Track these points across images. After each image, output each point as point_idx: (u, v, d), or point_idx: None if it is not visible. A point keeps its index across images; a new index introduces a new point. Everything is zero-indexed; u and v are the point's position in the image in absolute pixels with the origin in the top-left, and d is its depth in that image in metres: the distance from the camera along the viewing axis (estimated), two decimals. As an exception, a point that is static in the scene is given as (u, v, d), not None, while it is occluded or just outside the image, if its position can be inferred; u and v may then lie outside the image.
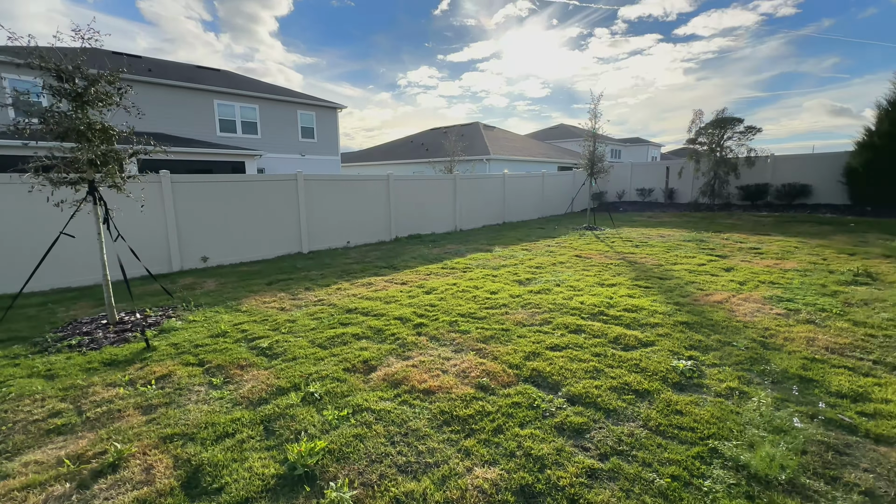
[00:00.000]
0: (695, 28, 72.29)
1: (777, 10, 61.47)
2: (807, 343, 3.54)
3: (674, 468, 2.08)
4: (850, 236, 9.46)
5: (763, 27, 65.57)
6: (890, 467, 2.06)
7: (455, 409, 2.67)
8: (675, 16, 69.96)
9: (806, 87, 72.52)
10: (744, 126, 14.47)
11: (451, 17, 74.61)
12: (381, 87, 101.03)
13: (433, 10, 72.51)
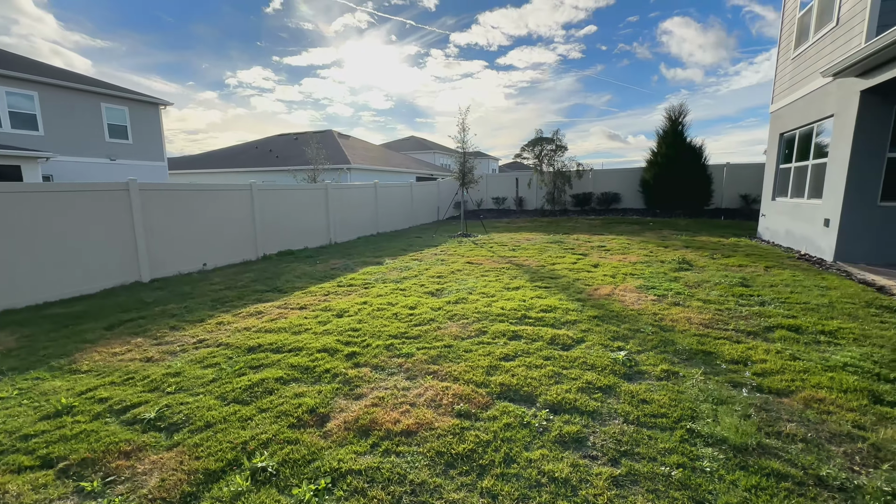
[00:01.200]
0: (512, 60, 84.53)
1: (569, 53, 76.89)
2: (687, 322, 4.34)
3: (675, 457, 2.23)
4: (655, 233, 12.18)
5: (561, 66, 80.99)
6: (802, 415, 2.62)
7: (450, 446, 2.37)
8: (497, 47, 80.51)
9: (592, 117, 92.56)
10: (555, 145, 17.59)
11: (286, 17, 70.18)
12: (205, 84, 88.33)
13: (264, 8, 67.00)
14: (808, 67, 8.73)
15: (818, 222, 7.88)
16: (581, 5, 69.78)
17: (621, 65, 73.37)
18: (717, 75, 76.93)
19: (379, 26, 78.25)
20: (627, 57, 71.91)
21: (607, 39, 73.50)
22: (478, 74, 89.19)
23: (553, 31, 76.51)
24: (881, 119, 6.72)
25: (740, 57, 74.17)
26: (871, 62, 6.28)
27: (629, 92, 79.99)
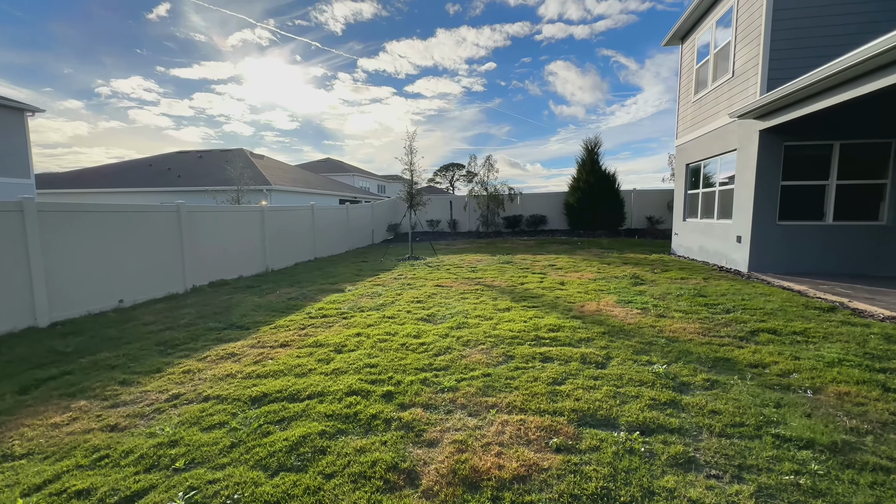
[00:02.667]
0: (420, 88, 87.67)
1: (472, 86, 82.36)
2: (685, 332, 4.66)
3: (787, 465, 2.29)
4: (587, 251, 13.20)
5: (465, 97, 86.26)
6: (844, 408, 2.89)
7: (579, 487, 2.15)
8: (405, 75, 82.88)
9: (494, 145, 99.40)
10: (466, 170, 18.61)
11: (173, 26, 64.10)
12: (68, 92, 75.56)
13: (146, 14, 60.48)
14: (710, 109, 10.38)
15: (731, 239, 9.24)
16: (482, 44, 75.59)
17: (516, 99, 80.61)
18: (597, 114, 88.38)
19: (282, 45, 75.29)
20: (522, 93, 79.37)
21: (505, 76, 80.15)
22: (387, 100, 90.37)
23: (457, 64, 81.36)
24: (776, 153, 8.19)
25: (613, 99, 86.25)
26: (767, 109, 7.66)
27: (525, 124, 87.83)
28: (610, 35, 70.68)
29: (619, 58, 74.55)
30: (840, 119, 7.70)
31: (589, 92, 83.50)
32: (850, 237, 8.13)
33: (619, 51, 74.07)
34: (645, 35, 73.18)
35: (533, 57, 75.15)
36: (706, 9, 10.48)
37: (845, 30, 7.75)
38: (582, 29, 69.39)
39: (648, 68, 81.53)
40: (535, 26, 70.54)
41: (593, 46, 73.13)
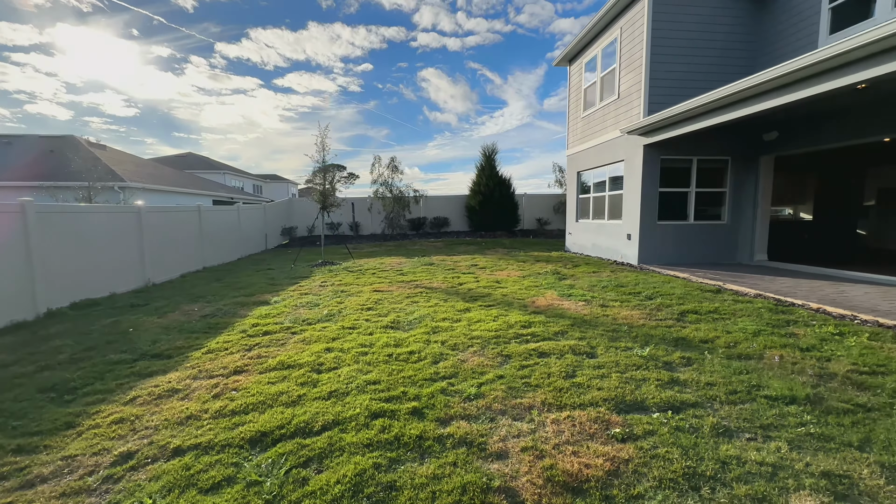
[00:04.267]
0: (291, 83, 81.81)
1: (349, 86, 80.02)
2: (634, 318, 5.27)
3: (793, 418, 2.76)
4: (495, 251, 14.01)
5: (342, 96, 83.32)
6: (797, 367, 3.60)
7: (671, 472, 2.24)
8: (273, 67, 76.33)
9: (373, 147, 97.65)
10: (347, 172, 18.43)
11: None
12: None
13: None
14: (599, 125, 11.96)
15: (622, 237, 10.78)
16: (357, 43, 73.95)
17: (392, 102, 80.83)
18: (469, 122, 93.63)
19: (111, 14, 62.09)
20: (397, 96, 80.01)
21: (382, 78, 79.70)
22: (252, 92, 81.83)
23: (332, 61, 78.23)
24: (655, 164, 9.83)
25: (483, 110, 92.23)
26: (648, 129, 9.19)
27: (403, 128, 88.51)
28: (479, 50, 76.00)
29: (486, 72, 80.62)
30: (697, 140, 9.61)
31: (460, 101, 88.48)
32: (705, 233, 10.20)
33: (485, 65, 79.95)
34: (508, 53, 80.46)
35: (409, 62, 76.34)
36: (592, 38, 12.05)
37: (708, 69, 9.71)
38: (454, 41, 73.13)
39: (511, 84, 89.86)
40: (411, 33, 71.89)
41: (464, 59, 77.73)
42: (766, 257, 10.00)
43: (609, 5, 10.42)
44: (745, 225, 10.10)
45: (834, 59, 5.23)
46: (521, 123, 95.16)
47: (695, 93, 9.40)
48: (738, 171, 10.05)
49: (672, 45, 9.57)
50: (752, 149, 9.78)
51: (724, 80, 9.70)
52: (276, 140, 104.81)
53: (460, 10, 68.44)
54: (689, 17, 9.55)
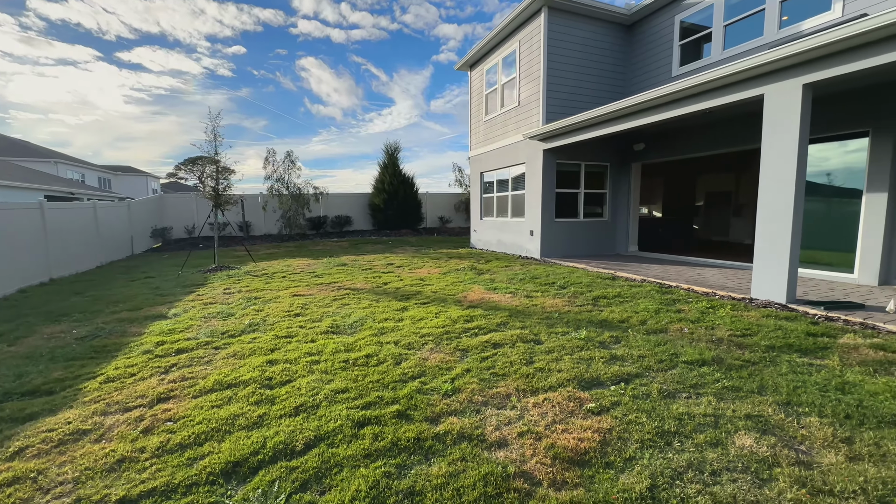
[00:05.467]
0: (141, 58, 69.26)
1: (217, 69, 70.70)
2: (557, 306, 5.84)
3: (699, 376, 3.40)
4: (404, 249, 14.06)
5: (209, 80, 73.28)
6: (696, 335, 4.40)
7: (646, 433, 2.58)
8: (115, 37, 63.48)
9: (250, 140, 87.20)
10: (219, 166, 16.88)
11: None
12: None
13: None
14: (501, 129, 12.81)
15: (525, 233, 11.75)
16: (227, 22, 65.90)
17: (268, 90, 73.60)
18: (357, 119, 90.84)
19: None
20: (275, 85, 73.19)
21: (257, 64, 72.51)
22: (86, 65, 67.09)
23: (195, 39, 68.67)
24: (552, 168, 10.94)
25: (370, 107, 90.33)
26: (545, 136, 10.21)
27: (283, 120, 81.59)
28: (364, 45, 74.38)
29: (371, 67, 79.41)
30: (585, 148, 10.97)
31: (345, 95, 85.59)
32: (592, 229, 11.71)
33: (370, 61, 78.60)
34: (395, 52, 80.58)
35: (288, 49, 70.54)
36: (493, 46, 12.84)
37: (596, 86, 11.10)
38: (339, 33, 70.21)
39: (398, 82, 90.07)
40: (291, 18, 66.77)
41: (348, 52, 75.18)
42: (637, 248, 11.89)
43: (509, 18, 11.22)
44: (621, 221, 11.86)
45: (673, 94, 6.56)
46: (409, 123, 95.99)
47: (586, 106, 10.70)
48: (615, 175, 11.74)
49: (565, 61, 10.73)
50: (626, 157, 11.53)
51: (608, 97, 11.22)
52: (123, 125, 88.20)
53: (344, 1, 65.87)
54: (576, 38, 10.82)
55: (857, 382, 3.17)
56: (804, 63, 5.17)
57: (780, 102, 5.46)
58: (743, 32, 8.80)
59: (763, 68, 5.52)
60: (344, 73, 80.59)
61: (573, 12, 10.61)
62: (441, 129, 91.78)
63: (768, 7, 8.22)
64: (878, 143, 6.50)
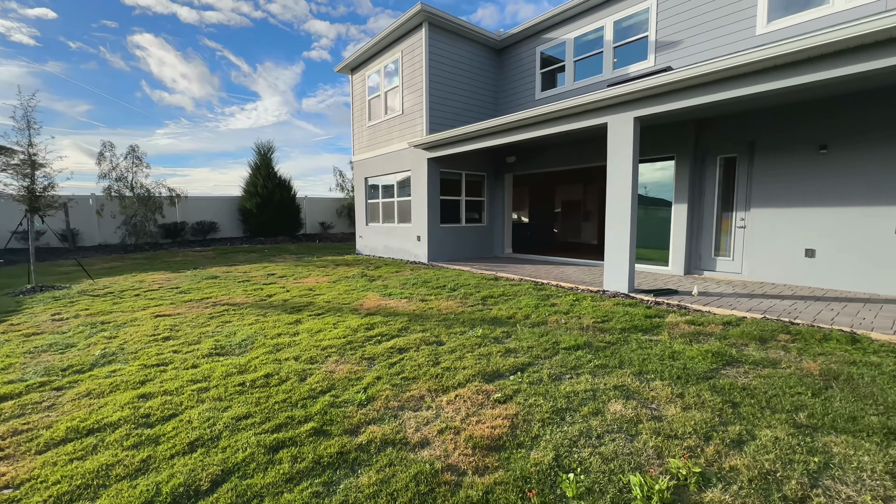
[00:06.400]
0: None
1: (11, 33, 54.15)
2: (452, 308, 6.21)
3: (577, 359, 4.05)
4: (284, 257, 13.16)
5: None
6: (571, 328, 5.14)
7: (547, 411, 2.98)
8: None
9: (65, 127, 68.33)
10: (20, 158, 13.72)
11: None
12: None
13: None
14: (386, 135, 12.92)
15: (412, 239, 12.06)
16: None
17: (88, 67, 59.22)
18: (214, 112, 79.73)
19: None
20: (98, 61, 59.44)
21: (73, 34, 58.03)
22: None
23: (-26, -12, 52.89)
24: (437, 176, 11.48)
25: (230, 100, 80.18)
26: (429, 146, 10.74)
27: (114, 106, 66.71)
28: (222, 30, 66.49)
29: (229, 55, 71.47)
30: (465, 158, 11.80)
31: (197, 83, 75.48)
32: (472, 234, 12.61)
33: (228, 48, 70.63)
34: (259, 42, 74.32)
35: (119, 22, 58.06)
36: (376, 53, 12.90)
37: (479, 101, 11.94)
38: (188, 12, 61.24)
39: (263, 76, 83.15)
40: (125, -14, 56.02)
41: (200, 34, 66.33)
42: (511, 250, 13.20)
43: (391, 28, 11.44)
44: (497, 226, 13.02)
45: (536, 117, 7.63)
46: (278, 121, 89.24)
47: (468, 119, 11.50)
48: (491, 184, 12.86)
49: (447, 75, 11.38)
50: (500, 168, 12.72)
51: (487, 111, 12.21)
52: None
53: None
54: (456, 55, 11.57)
55: (681, 351, 4.14)
56: (633, 101, 6.49)
57: (619, 129, 6.75)
58: (588, 68, 10.55)
59: (606, 101, 6.75)
60: (194, 57, 70.68)
61: (452, 31, 11.33)
62: (314, 129, 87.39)
63: (605, 51, 10.03)
64: (679, 166, 8.48)
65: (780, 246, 7.44)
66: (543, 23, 11.15)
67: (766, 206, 7.57)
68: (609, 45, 9.95)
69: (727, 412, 2.93)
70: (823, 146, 6.89)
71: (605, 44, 10.01)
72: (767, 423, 2.78)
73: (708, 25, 8.22)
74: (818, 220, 6.98)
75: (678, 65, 8.52)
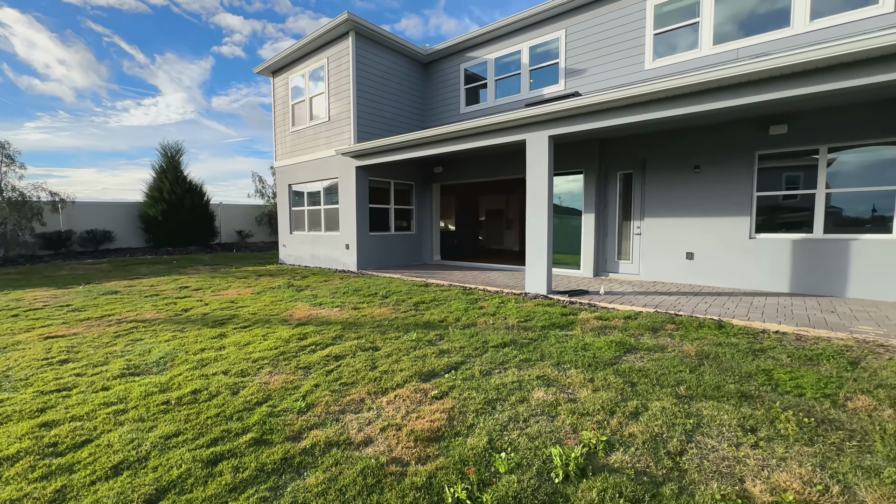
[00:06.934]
0: None
1: None
2: (386, 314, 6.33)
3: (505, 355, 4.44)
4: (197, 268, 12.19)
5: None
6: (498, 327, 5.54)
7: (479, 404, 3.26)
8: None
9: None
10: None
11: None
12: None
13: None
14: (311, 142, 12.62)
15: (341, 247, 11.89)
16: None
17: None
18: (101, 105, 69.88)
19: None
20: None
21: None
22: None
23: None
24: (365, 184, 11.50)
25: (123, 93, 70.80)
26: (357, 154, 10.79)
27: None
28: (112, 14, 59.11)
29: (121, 43, 63.85)
30: (393, 168, 11.98)
31: (79, 71, 66.24)
32: (402, 241, 12.79)
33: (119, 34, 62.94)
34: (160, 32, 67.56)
35: None
36: (300, 57, 12.60)
37: (408, 112, 12.15)
38: (69, -10, 53.54)
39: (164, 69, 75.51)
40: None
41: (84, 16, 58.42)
42: (440, 257, 13.60)
43: (316, 34, 11.29)
44: (426, 234, 13.35)
45: (461, 131, 8.16)
46: (182, 119, 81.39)
47: (396, 128, 11.71)
48: (419, 193, 13.17)
49: (375, 85, 11.51)
50: (428, 178, 13.09)
51: (415, 121, 12.50)
52: None
53: (82, -49, 51.46)
54: (384, 66, 11.75)
55: (591, 343, 4.73)
56: (547, 121, 7.22)
57: (536, 146, 7.44)
58: (508, 87, 11.38)
59: (524, 120, 7.41)
60: (76, 41, 61.84)
61: (380, 42, 11.50)
62: (226, 130, 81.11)
63: (523, 73, 10.92)
64: (587, 179, 9.52)
65: (668, 250, 8.69)
66: (467, 42, 11.80)
67: (657, 215, 8.82)
68: (526, 67, 10.86)
69: (627, 391, 3.46)
70: (697, 166, 8.24)
71: (523, 66, 10.91)
72: (657, 396, 3.35)
73: (607, 58, 9.40)
74: (695, 227, 8.31)
75: (585, 90, 9.60)
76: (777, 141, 7.36)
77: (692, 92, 5.68)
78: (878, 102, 6.41)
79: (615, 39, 9.24)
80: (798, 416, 2.95)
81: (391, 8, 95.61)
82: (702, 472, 2.39)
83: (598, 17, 9.45)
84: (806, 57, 4.72)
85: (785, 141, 7.29)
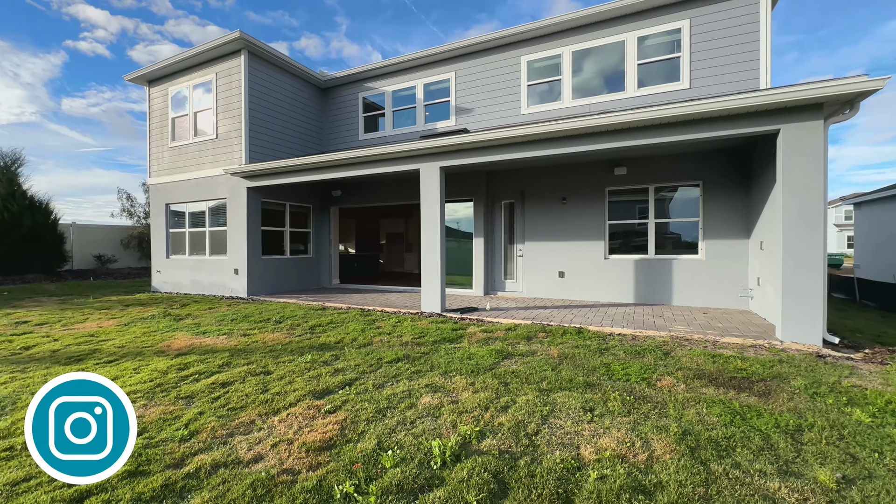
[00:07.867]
0: None
1: None
2: (279, 339, 6.19)
3: (417, 367, 4.77)
4: (38, 299, 10.32)
5: None
6: (419, 345, 5.81)
7: (370, 416, 3.50)
8: None
9: None
10: None
11: None
12: None
13: None
14: (194, 159, 11.72)
15: (229, 272, 11.11)
16: None
17: None
18: None
19: None
20: None
21: None
22: None
23: None
24: (257, 206, 11.04)
25: None
26: (249, 175, 10.43)
27: None
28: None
29: None
30: (289, 190, 11.73)
31: None
32: (298, 265, 12.42)
33: None
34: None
35: None
36: (183, 69, 11.78)
37: (302, 134, 11.97)
38: None
39: None
40: None
41: None
42: (339, 281, 13.45)
43: (205, 48, 10.77)
44: (324, 257, 13.15)
45: (359, 158, 8.59)
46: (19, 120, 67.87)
47: (292, 150, 11.53)
48: (317, 216, 13.00)
49: (269, 106, 11.26)
50: (327, 201, 13.02)
51: (312, 145, 12.42)
52: None
53: None
54: (279, 87, 11.59)
55: (475, 353, 5.29)
56: (439, 153, 7.94)
57: (429, 175, 8.09)
58: (405, 118, 12.07)
59: (418, 151, 8.03)
60: None
61: (275, 63, 11.37)
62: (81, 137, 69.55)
63: (418, 107, 11.73)
64: (477, 207, 10.50)
65: (544, 270, 9.96)
66: (366, 72, 12.29)
67: (535, 240, 10.08)
68: (421, 102, 11.69)
69: (501, 389, 4.03)
70: (564, 198, 9.71)
71: (418, 101, 11.73)
72: (524, 392, 3.96)
73: (491, 101, 10.65)
74: (565, 250, 9.71)
75: (473, 126, 10.69)
76: (620, 180, 9.11)
77: (554, 137, 6.85)
78: (686, 154, 8.41)
79: (497, 85, 10.55)
80: (623, 396, 3.79)
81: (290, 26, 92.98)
82: (550, 445, 2.97)
83: (483, 65, 10.72)
84: (631, 117, 6.12)
85: (625, 180, 9.06)
